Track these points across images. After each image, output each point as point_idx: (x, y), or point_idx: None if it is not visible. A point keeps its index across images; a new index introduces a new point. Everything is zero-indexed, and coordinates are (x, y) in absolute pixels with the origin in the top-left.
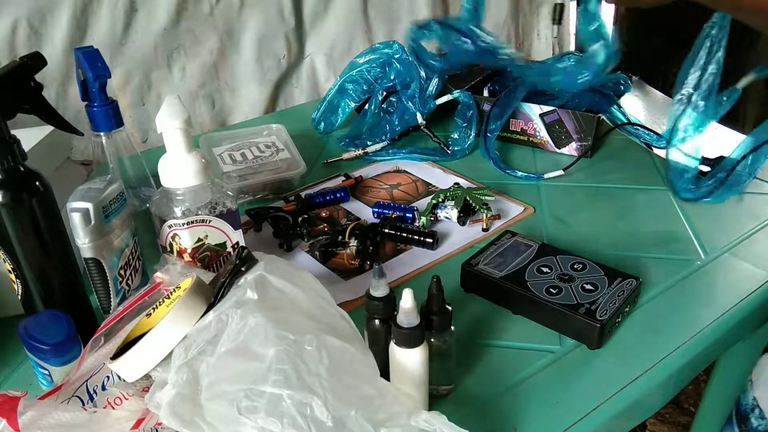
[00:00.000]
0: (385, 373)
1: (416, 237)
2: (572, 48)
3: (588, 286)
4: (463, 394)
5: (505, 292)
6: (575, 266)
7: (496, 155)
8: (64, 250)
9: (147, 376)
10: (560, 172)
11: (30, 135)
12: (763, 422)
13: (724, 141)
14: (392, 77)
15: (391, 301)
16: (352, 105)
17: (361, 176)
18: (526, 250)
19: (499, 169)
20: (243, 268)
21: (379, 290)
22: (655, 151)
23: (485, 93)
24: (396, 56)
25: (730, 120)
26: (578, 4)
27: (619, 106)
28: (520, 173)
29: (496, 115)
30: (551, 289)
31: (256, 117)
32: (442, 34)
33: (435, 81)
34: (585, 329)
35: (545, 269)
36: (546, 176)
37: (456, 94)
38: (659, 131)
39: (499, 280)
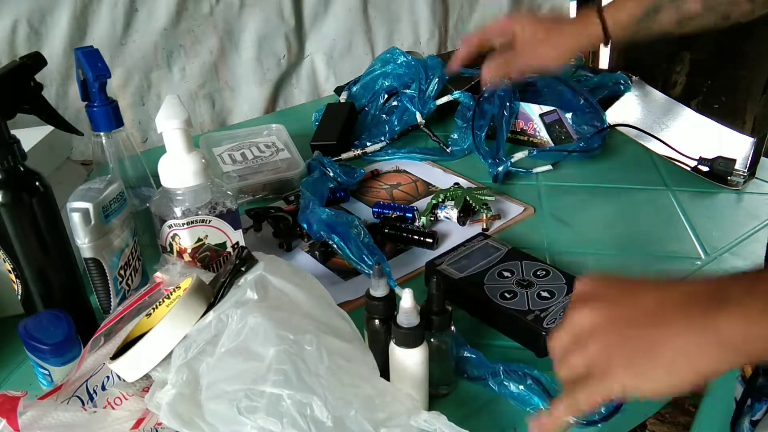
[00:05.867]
0: (385, 373)
1: (416, 237)
2: None
3: (545, 294)
4: (463, 394)
5: (461, 293)
6: (538, 273)
7: (485, 151)
8: (64, 250)
9: (147, 376)
10: (549, 167)
11: (30, 135)
12: None
13: (723, 141)
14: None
15: (391, 301)
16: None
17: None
18: (493, 254)
19: (489, 166)
20: (243, 268)
21: (379, 290)
22: (655, 149)
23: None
24: (396, 59)
25: (730, 120)
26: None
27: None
28: (511, 167)
29: (480, 112)
30: (506, 294)
31: (256, 117)
32: None
33: (435, 82)
34: (531, 336)
35: (506, 274)
36: (535, 171)
37: (456, 94)
38: (659, 131)
39: (457, 280)
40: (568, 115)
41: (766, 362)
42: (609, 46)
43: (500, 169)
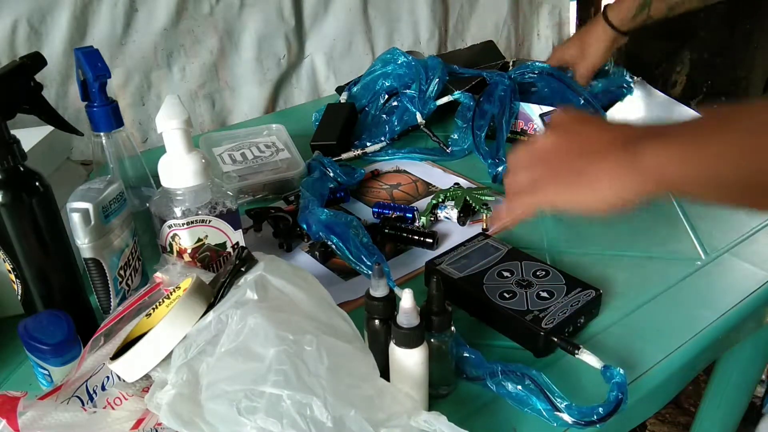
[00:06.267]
0: (385, 373)
1: (416, 237)
2: None
3: (544, 294)
4: (463, 394)
5: (460, 293)
6: (537, 273)
7: (485, 151)
8: (64, 250)
9: (147, 376)
10: None
11: (30, 135)
12: None
13: None
14: (393, 79)
15: (391, 301)
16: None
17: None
18: (493, 254)
19: (489, 166)
20: (243, 268)
21: (379, 290)
22: None
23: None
24: (397, 60)
25: None
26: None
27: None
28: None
29: (480, 112)
30: (505, 294)
31: (256, 117)
32: None
33: (435, 82)
34: (529, 336)
35: (506, 274)
36: None
37: (456, 95)
38: None
39: (457, 280)
40: None
41: (678, 193)
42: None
43: (500, 169)
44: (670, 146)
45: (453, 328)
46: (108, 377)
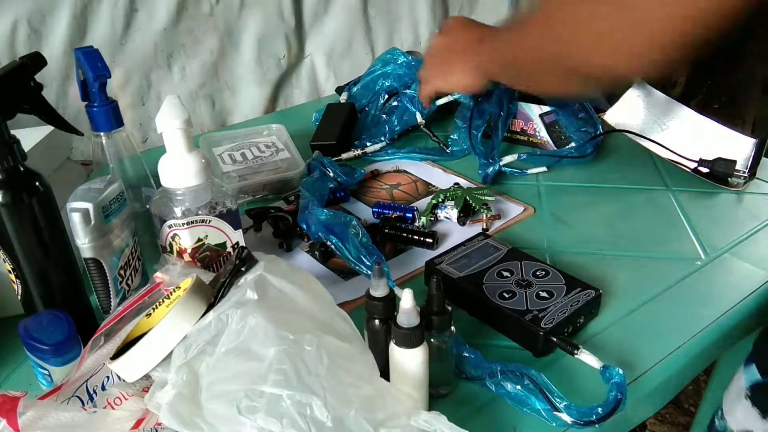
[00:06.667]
0: (385, 373)
1: (416, 237)
2: None
3: (543, 294)
4: (463, 394)
5: (460, 292)
6: (537, 273)
7: (481, 150)
8: (64, 250)
9: (147, 376)
10: (544, 169)
11: (30, 135)
12: None
13: (723, 142)
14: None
15: (391, 301)
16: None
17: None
18: (493, 253)
19: (480, 166)
20: (243, 268)
21: (379, 290)
22: (655, 151)
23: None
24: (397, 60)
25: (730, 120)
26: None
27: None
28: (505, 168)
29: (478, 112)
30: (505, 294)
31: (256, 117)
32: None
33: None
34: (529, 336)
35: (506, 273)
36: (529, 171)
37: (456, 95)
38: (659, 132)
39: (456, 280)
40: (562, 119)
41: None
42: None
43: (489, 170)
44: (495, 44)
45: (453, 328)
46: (108, 377)
